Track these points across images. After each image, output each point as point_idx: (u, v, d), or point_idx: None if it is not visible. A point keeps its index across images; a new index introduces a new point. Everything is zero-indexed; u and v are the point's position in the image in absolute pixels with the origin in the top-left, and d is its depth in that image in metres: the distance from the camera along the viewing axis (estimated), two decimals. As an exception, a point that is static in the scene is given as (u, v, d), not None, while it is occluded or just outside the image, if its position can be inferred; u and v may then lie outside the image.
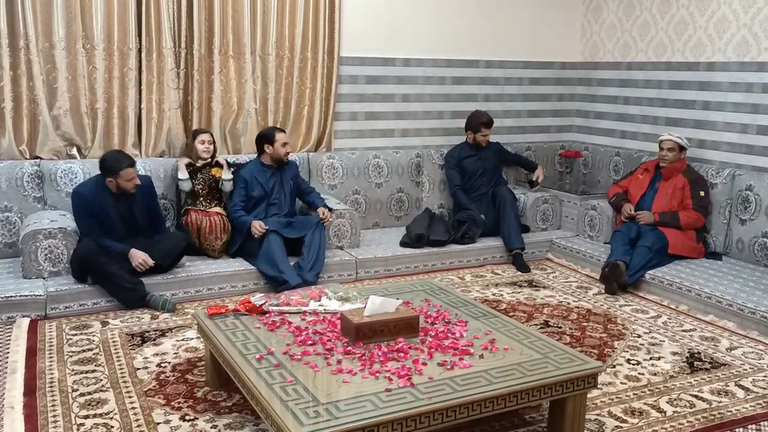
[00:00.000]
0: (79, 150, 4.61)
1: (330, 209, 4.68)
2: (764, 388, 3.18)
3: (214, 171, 4.55)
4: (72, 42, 4.44)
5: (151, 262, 3.99)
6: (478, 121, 5.38)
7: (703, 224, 4.80)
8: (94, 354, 3.36)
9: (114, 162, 3.95)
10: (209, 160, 4.59)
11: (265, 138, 4.62)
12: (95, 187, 4.00)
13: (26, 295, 3.77)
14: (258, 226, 4.36)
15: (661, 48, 5.49)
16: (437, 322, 2.97)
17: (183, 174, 4.50)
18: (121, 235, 4.04)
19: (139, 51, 4.61)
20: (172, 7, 4.63)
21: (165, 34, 4.63)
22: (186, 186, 4.50)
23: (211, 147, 4.60)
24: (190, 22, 4.72)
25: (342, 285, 3.79)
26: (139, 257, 3.96)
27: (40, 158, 4.47)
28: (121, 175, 3.93)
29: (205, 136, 4.58)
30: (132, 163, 4.00)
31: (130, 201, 4.07)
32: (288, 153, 4.65)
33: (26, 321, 3.71)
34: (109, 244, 3.94)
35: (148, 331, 3.67)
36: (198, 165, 4.55)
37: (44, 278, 3.97)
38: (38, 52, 4.35)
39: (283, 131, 4.70)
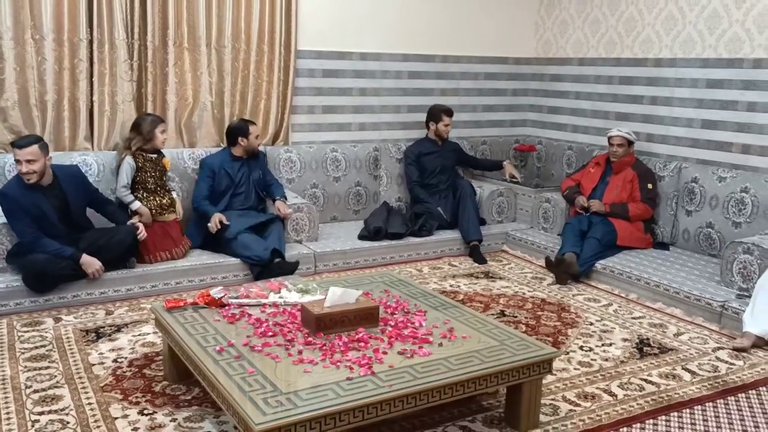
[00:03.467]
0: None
1: (285, 198, 4.75)
2: (709, 372, 3.31)
3: (166, 162, 4.37)
4: (20, 32, 4.31)
5: (103, 268, 3.89)
6: (439, 110, 5.47)
7: (651, 215, 4.96)
8: (47, 350, 3.29)
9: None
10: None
11: (239, 131, 4.63)
12: (18, 182, 3.73)
13: (-26, 292, 3.68)
14: (216, 222, 4.35)
15: (611, 44, 5.65)
16: (397, 312, 3.00)
17: (125, 180, 4.18)
18: (61, 232, 3.85)
19: (91, 42, 4.51)
20: (124, -3, 4.56)
21: (117, 24, 4.53)
22: (134, 204, 4.19)
23: None
24: (144, 13, 4.64)
25: (301, 278, 3.79)
26: (93, 266, 3.83)
27: (-13, 151, 4.35)
28: (14, 155, 3.66)
29: (165, 126, 4.40)
30: (19, 143, 3.64)
31: (60, 191, 3.86)
32: (259, 144, 4.75)
33: (-25, 318, 3.62)
34: (56, 248, 3.75)
35: (103, 327, 3.61)
36: (153, 157, 4.33)
37: (-8, 275, 3.87)
38: (-16, 42, 4.23)
39: (255, 123, 4.75)
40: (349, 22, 5.46)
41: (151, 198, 4.31)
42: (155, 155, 4.34)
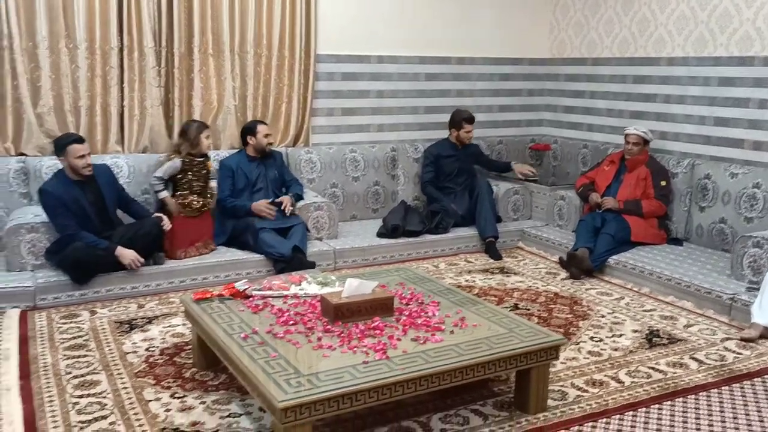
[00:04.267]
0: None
1: (297, 198, 4.89)
2: (716, 360, 3.42)
3: (209, 164, 4.63)
4: (55, 41, 4.56)
5: (141, 260, 4.11)
6: (460, 118, 5.59)
7: (664, 212, 5.04)
8: (84, 340, 3.51)
9: (61, 138, 4.05)
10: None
11: (248, 130, 4.86)
12: (58, 180, 4.03)
13: (15, 287, 3.90)
14: (265, 207, 4.63)
15: (625, 44, 5.74)
16: (411, 302, 3.16)
17: (162, 174, 4.49)
18: (96, 227, 4.08)
19: (121, 50, 4.74)
20: (152, 7, 4.77)
21: (146, 33, 4.76)
22: (162, 193, 4.50)
23: None
24: (171, 22, 4.86)
25: (321, 271, 3.96)
26: (128, 257, 4.06)
27: (25, 155, 4.58)
28: (68, 152, 3.95)
29: (210, 131, 4.66)
30: (78, 140, 4.01)
31: (96, 187, 4.12)
32: (270, 144, 4.90)
33: (16, 311, 3.84)
34: (94, 241, 4.00)
35: (136, 319, 3.82)
36: (199, 160, 4.57)
37: (32, 271, 4.09)
38: (22, 51, 4.46)
39: (265, 123, 4.96)
40: (367, 26, 5.63)
41: (195, 198, 4.56)
42: (201, 158, 4.59)
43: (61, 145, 3.99)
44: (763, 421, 2.84)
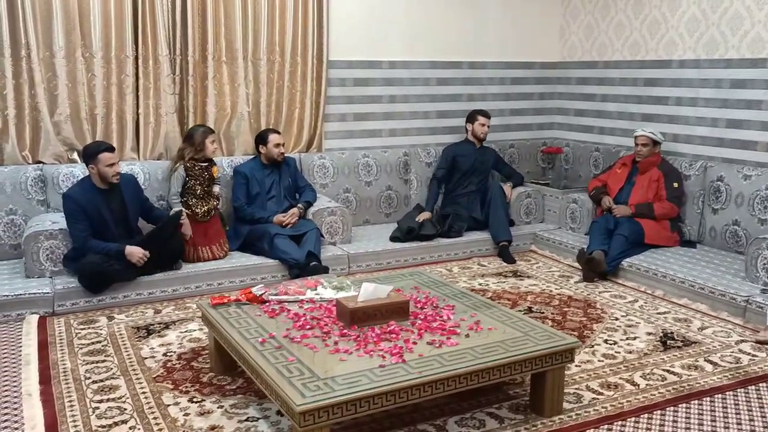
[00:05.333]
0: (79, 154, 4.78)
1: (306, 205, 4.92)
2: (731, 363, 3.42)
3: (214, 170, 4.67)
4: (71, 51, 4.62)
5: (147, 254, 4.10)
6: (475, 111, 5.66)
7: (677, 214, 5.04)
8: (102, 346, 3.56)
9: (93, 146, 4.11)
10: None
11: (259, 139, 4.91)
12: (83, 187, 4.09)
13: (34, 293, 3.96)
14: (283, 217, 4.73)
15: (636, 47, 5.75)
16: (426, 306, 3.18)
17: (176, 189, 4.57)
18: (115, 236, 4.13)
19: (136, 58, 4.80)
20: (166, 16, 4.83)
21: (160, 41, 4.82)
22: (177, 205, 4.56)
23: None
24: (185, 30, 4.92)
25: (336, 276, 3.99)
26: (137, 254, 4.09)
27: (43, 163, 4.65)
28: (100, 160, 4.00)
29: (215, 136, 4.72)
30: (110, 148, 4.07)
31: (120, 196, 4.18)
32: (281, 153, 4.91)
33: (35, 317, 3.90)
34: (103, 246, 4.04)
35: (153, 325, 3.86)
36: (203, 165, 4.61)
37: (50, 277, 4.14)
38: (39, 60, 4.53)
39: (278, 132, 4.97)
40: (378, 32, 5.66)
41: (199, 204, 4.59)
42: (205, 164, 4.63)
43: (92, 153, 4.05)
44: (780, 424, 2.84)
